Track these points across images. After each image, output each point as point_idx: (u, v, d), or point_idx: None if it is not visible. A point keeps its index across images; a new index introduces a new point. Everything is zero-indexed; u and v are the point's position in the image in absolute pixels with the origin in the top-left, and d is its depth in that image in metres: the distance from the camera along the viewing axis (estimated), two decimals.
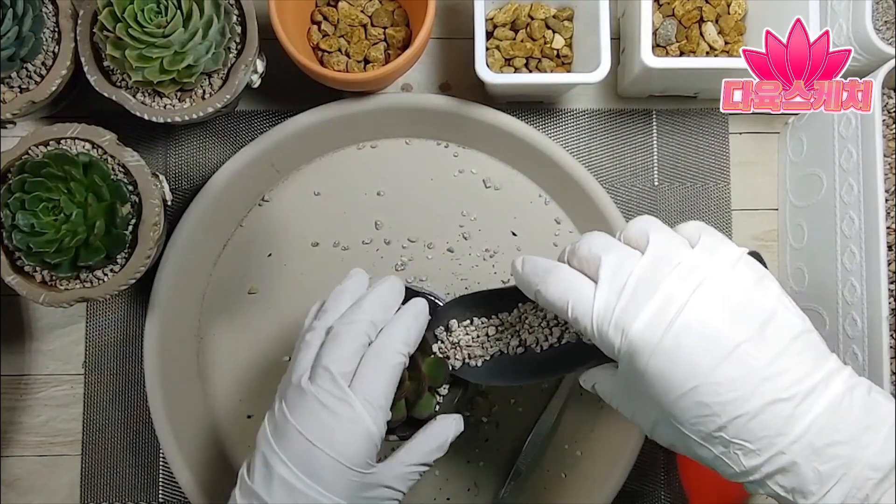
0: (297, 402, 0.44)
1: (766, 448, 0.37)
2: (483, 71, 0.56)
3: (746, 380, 0.37)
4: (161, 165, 0.65)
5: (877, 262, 0.54)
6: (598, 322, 0.39)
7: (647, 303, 0.38)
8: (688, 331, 0.37)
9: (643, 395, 0.40)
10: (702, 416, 0.38)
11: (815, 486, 0.37)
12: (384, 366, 0.45)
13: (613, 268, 0.40)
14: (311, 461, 0.43)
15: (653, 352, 0.38)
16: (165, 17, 0.52)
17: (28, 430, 0.64)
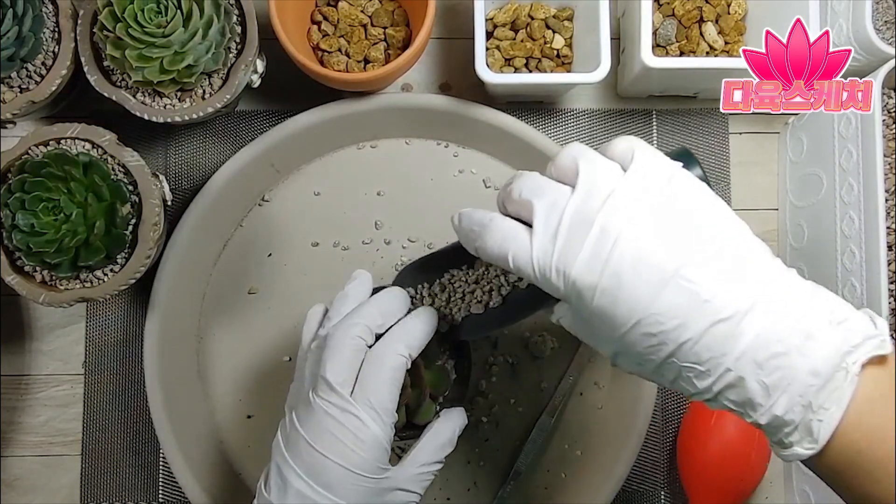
0: (306, 414, 0.45)
1: (714, 368, 0.37)
2: (483, 71, 0.56)
3: (687, 305, 0.36)
4: (161, 165, 0.65)
5: (877, 262, 0.54)
6: (539, 270, 0.39)
7: (582, 242, 0.37)
8: (624, 265, 0.37)
9: (597, 331, 0.39)
10: (651, 346, 0.37)
11: (762, 399, 0.37)
12: (384, 369, 0.45)
13: (546, 210, 0.39)
14: (323, 472, 0.43)
15: (594, 291, 0.37)
16: (165, 17, 0.52)
17: (28, 430, 0.64)
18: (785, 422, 0.37)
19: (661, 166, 0.39)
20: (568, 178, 0.40)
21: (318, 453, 0.43)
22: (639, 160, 0.39)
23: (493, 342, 0.64)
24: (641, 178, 0.38)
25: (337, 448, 0.43)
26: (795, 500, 0.63)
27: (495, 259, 0.41)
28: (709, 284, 0.36)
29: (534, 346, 0.63)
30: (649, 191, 0.38)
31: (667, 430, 0.65)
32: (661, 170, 0.39)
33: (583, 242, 0.37)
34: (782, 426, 0.37)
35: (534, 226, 0.39)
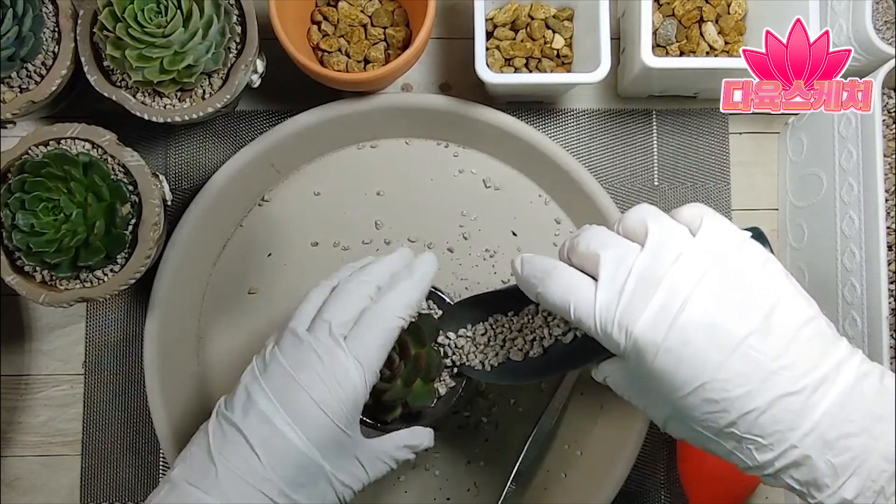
0: (291, 348, 0.45)
1: (778, 443, 0.37)
2: (483, 71, 0.56)
3: (754, 374, 0.36)
4: (161, 165, 0.65)
5: (877, 262, 0.54)
6: (601, 323, 0.39)
7: (649, 300, 0.37)
8: (692, 327, 0.37)
9: (652, 391, 0.39)
10: (711, 412, 0.37)
11: (829, 479, 0.36)
12: (380, 327, 0.45)
13: (613, 265, 0.39)
14: (295, 403, 0.43)
15: (658, 350, 0.37)
16: (165, 17, 0.52)
17: (28, 430, 0.64)
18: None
19: (730, 233, 0.39)
20: (636, 238, 0.40)
21: (295, 383, 0.43)
22: (708, 225, 0.39)
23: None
24: (711, 242, 0.38)
25: (315, 385, 0.43)
26: (795, 500, 0.63)
27: (556, 307, 0.41)
28: (779, 356, 0.36)
29: None
30: (719, 256, 0.38)
31: None
32: (731, 237, 0.39)
33: (649, 300, 0.37)
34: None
35: (599, 278, 0.39)
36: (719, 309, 0.37)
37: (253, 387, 0.44)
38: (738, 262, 0.38)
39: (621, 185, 0.66)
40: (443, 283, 0.64)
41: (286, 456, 0.43)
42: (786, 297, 0.38)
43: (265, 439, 0.43)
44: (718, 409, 0.37)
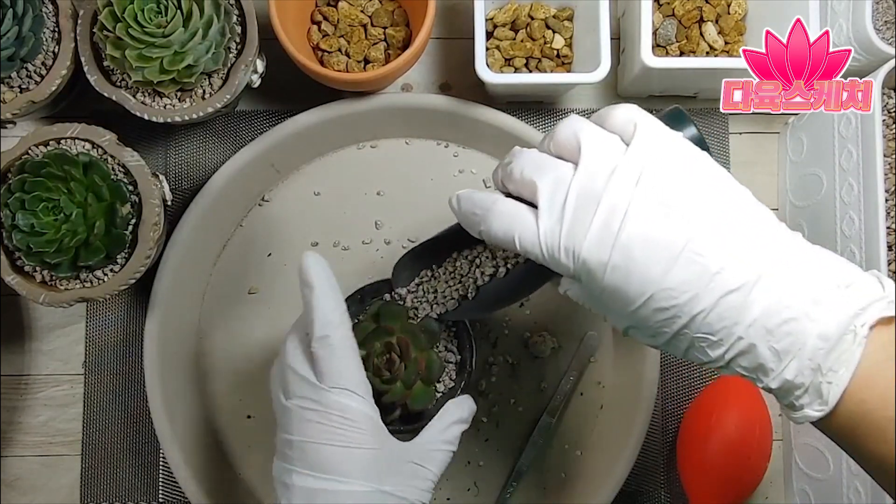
0: (288, 420, 0.45)
1: (726, 338, 0.38)
2: (483, 71, 0.56)
3: (697, 279, 0.37)
4: (161, 165, 0.65)
5: (877, 262, 0.54)
6: (547, 250, 0.39)
7: (590, 221, 0.37)
8: (634, 242, 0.37)
9: (609, 306, 0.40)
10: (664, 319, 0.38)
11: (773, 364, 0.37)
12: (327, 347, 0.44)
13: (551, 189, 0.39)
14: (324, 459, 0.43)
15: (605, 269, 0.38)
16: (165, 17, 0.52)
17: (28, 430, 0.64)
18: (795, 385, 0.37)
19: (662, 138, 0.39)
20: (568, 154, 0.40)
21: (312, 443, 0.43)
22: (640, 132, 0.39)
23: (492, 342, 0.64)
24: (644, 150, 0.38)
25: (327, 432, 0.43)
26: (795, 500, 0.63)
27: (501, 242, 0.41)
28: (718, 256, 0.37)
29: (534, 346, 0.63)
30: (653, 165, 0.38)
31: (667, 430, 0.65)
32: (663, 142, 0.39)
33: (591, 221, 0.38)
34: (793, 389, 0.38)
35: (539, 206, 0.39)
36: (657, 220, 0.37)
37: (284, 474, 0.45)
38: (673, 167, 0.38)
39: None
40: None
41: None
42: (720, 192, 0.38)
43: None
44: (669, 315, 0.38)
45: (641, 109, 0.40)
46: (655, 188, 0.38)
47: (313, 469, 0.43)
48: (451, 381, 0.55)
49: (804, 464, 0.62)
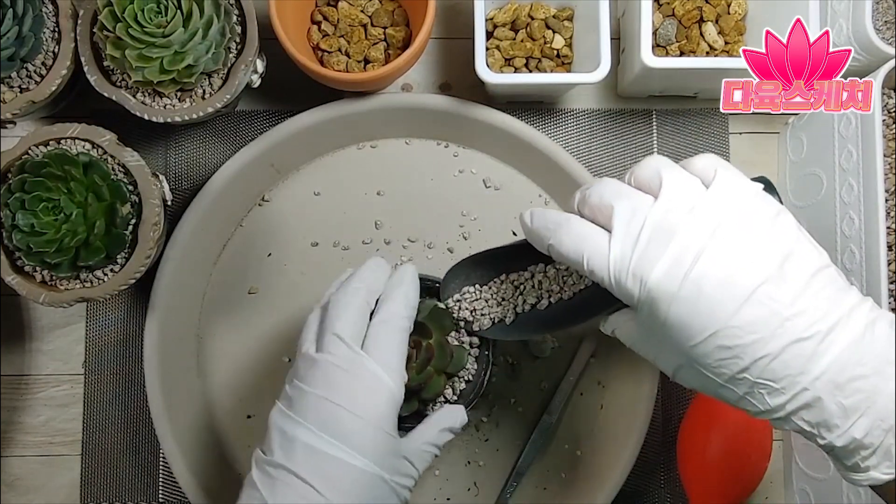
0: (311, 372, 0.43)
1: (789, 386, 0.37)
2: (483, 71, 0.56)
3: (767, 321, 0.37)
4: (161, 165, 0.65)
5: (877, 262, 0.54)
6: (615, 273, 0.39)
7: (663, 251, 0.38)
8: (705, 277, 0.37)
9: (664, 341, 0.39)
10: (724, 359, 0.38)
11: (839, 420, 0.37)
12: (393, 331, 0.45)
13: (627, 216, 0.39)
14: (337, 423, 0.42)
15: (672, 300, 0.37)
16: (165, 17, 0.52)
17: (28, 430, 0.64)
18: (863, 445, 0.37)
19: (743, 185, 0.39)
20: (648, 189, 0.40)
21: (332, 404, 0.42)
22: (721, 177, 0.39)
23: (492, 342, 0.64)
24: (724, 194, 0.39)
25: (351, 398, 0.42)
26: (795, 500, 0.63)
27: (569, 258, 0.41)
28: (790, 303, 0.37)
29: (534, 346, 0.63)
30: (732, 208, 0.38)
31: (667, 430, 0.65)
32: (744, 189, 0.39)
33: (664, 251, 0.38)
34: (859, 449, 0.37)
35: (613, 229, 0.39)
36: (733, 259, 0.37)
37: (287, 424, 0.43)
38: (751, 214, 0.38)
39: None
40: None
41: (344, 479, 0.42)
42: (798, 247, 0.38)
43: (318, 469, 0.41)
44: (731, 355, 0.37)
45: (723, 160, 0.41)
46: (732, 230, 0.38)
47: (323, 430, 0.42)
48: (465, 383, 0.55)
49: (804, 464, 0.62)
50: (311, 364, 0.44)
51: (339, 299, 0.46)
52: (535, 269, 0.50)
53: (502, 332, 0.52)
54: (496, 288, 0.52)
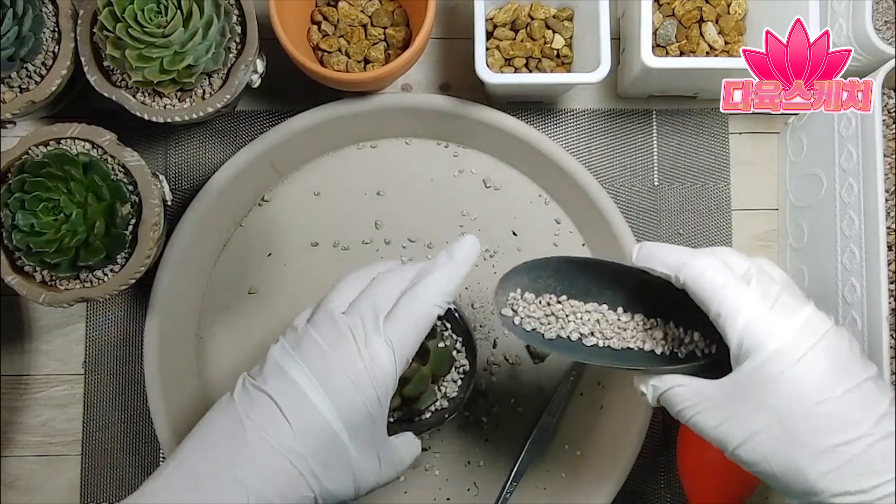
0: (327, 327, 0.44)
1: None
2: (483, 71, 0.56)
3: (868, 411, 0.39)
4: (161, 165, 0.65)
5: (877, 262, 0.54)
6: (748, 312, 0.40)
7: (794, 316, 0.40)
8: (830, 352, 0.40)
9: (756, 401, 0.40)
10: (826, 426, 0.39)
11: None
12: (415, 314, 0.44)
13: (766, 278, 0.42)
14: (328, 375, 0.42)
15: (801, 358, 0.39)
16: (165, 17, 0.52)
17: (28, 430, 0.64)
18: None
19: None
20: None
21: (332, 358, 0.42)
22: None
23: (492, 342, 0.64)
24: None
25: (351, 364, 0.42)
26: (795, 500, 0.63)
27: (706, 280, 0.42)
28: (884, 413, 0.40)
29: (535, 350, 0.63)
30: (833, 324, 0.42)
31: (667, 430, 0.65)
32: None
33: (794, 316, 0.41)
34: None
35: (752, 283, 0.42)
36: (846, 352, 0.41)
37: (285, 359, 0.43)
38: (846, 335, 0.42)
39: (621, 185, 0.66)
40: None
41: (316, 429, 0.42)
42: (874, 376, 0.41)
43: (296, 407, 0.42)
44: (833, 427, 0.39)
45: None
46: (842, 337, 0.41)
47: (314, 374, 0.42)
48: (456, 386, 0.55)
49: None
50: (330, 321, 0.44)
51: (383, 278, 0.46)
52: (601, 308, 0.49)
53: (538, 341, 0.50)
54: (554, 304, 0.50)
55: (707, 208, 0.66)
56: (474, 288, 0.64)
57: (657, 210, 0.66)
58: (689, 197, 0.66)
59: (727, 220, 0.66)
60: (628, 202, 0.66)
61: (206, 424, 0.43)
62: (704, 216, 0.66)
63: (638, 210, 0.66)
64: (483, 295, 0.64)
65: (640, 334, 0.48)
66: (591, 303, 0.49)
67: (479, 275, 0.64)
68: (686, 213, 0.66)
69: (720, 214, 0.66)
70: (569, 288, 0.50)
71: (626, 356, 0.48)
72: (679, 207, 0.66)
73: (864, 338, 0.55)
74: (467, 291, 0.64)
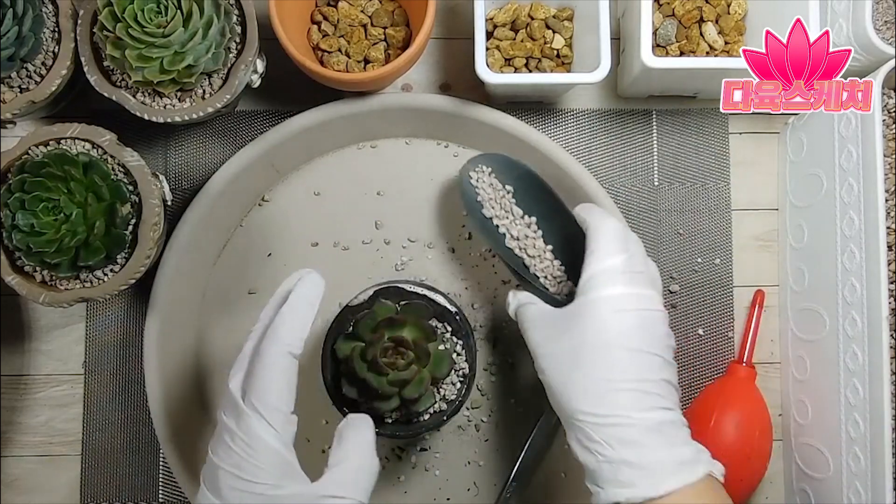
0: (217, 437, 0.45)
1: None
2: (483, 71, 0.56)
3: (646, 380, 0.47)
4: (161, 165, 0.65)
5: (877, 262, 0.54)
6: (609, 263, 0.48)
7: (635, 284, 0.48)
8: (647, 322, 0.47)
9: (571, 328, 0.47)
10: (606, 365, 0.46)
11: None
12: (268, 369, 0.44)
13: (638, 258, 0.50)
14: (217, 482, 0.43)
15: (620, 310, 0.47)
16: (165, 17, 0.52)
17: (28, 430, 0.64)
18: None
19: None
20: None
21: (214, 464, 0.43)
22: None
23: (492, 342, 0.64)
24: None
25: (229, 456, 0.43)
26: (795, 500, 0.63)
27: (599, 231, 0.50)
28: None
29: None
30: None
31: None
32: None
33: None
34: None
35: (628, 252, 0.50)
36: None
37: (201, 488, 0.45)
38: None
39: (621, 185, 0.66)
40: (443, 283, 0.64)
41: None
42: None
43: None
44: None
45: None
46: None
47: (212, 492, 0.43)
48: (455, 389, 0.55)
49: (804, 464, 0.62)
50: (220, 427, 0.45)
51: (242, 346, 0.47)
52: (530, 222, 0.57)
53: (477, 210, 0.58)
54: (507, 196, 0.58)
55: (707, 208, 0.66)
56: (474, 288, 0.64)
57: (657, 210, 0.66)
58: (689, 197, 0.66)
59: (727, 220, 0.66)
60: (628, 202, 0.66)
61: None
62: (704, 216, 0.66)
63: (638, 210, 0.66)
64: (483, 295, 0.64)
65: (540, 258, 0.56)
66: (529, 217, 0.58)
67: (479, 275, 0.64)
68: (686, 213, 0.66)
69: (720, 214, 0.66)
70: (522, 195, 0.58)
71: (525, 271, 0.56)
72: (679, 207, 0.66)
73: (864, 338, 0.55)
74: (467, 292, 0.64)
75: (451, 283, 0.64)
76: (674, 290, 0.65)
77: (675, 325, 0.65)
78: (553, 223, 0.57)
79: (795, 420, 0.63)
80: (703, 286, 0.65)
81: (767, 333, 0.65)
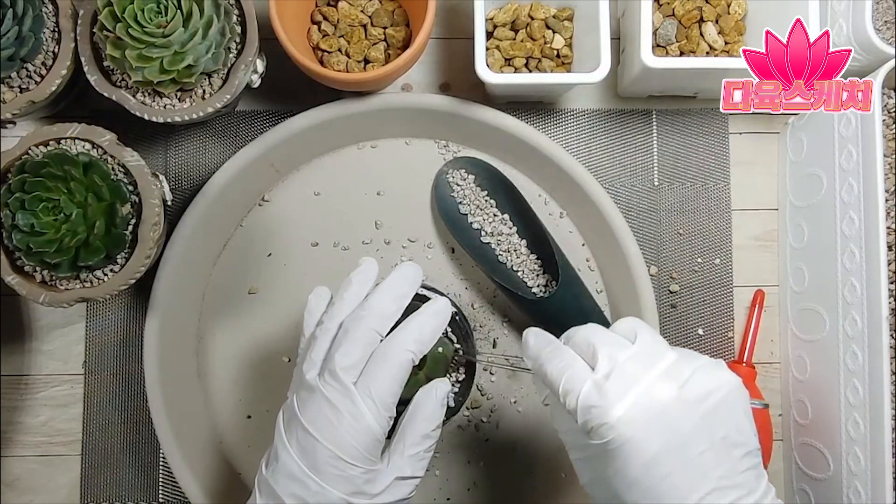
0: (307, 398, 0.45)
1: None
2: (483, 71, 0.56)
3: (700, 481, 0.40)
4: (161, 165, 0.65)
5: (877, 262, 0.54)
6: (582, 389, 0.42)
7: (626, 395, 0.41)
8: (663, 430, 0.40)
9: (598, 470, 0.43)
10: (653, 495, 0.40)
11: None
12: (391, 365, 0.45)
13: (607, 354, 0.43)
14: (313, 455, 0.44)
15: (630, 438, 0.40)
16: (165, 17, 0.52)
17: (28, 430, 0.64)
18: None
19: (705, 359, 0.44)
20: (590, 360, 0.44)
21: (311, 436, 0.44)
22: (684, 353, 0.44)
23: (492, 342, 0.64)
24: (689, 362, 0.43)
25: (330, 432, 0.44)
26: (795, 500, 0.63)
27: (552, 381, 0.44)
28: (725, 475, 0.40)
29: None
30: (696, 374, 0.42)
31: None
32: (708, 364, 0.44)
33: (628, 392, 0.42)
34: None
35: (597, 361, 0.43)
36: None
37: (279, 446, 0.45)
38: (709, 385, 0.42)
39: (621, 185, 0.66)
40: (443, 283, 0.64)
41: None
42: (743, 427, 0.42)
43: (297, 496, 0.44)
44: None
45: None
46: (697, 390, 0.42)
47: (302, 460, 0.44)
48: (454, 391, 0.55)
49: (804, 464, 0.62)
50: (309, 390, 0.46)
51: (347, 328, 0.46)
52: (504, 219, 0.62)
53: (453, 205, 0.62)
54: (481, 195, 0.62)
55: (707, 208, 0.66)
56: (474, 288, 0.64)
57: (657, 210, 0.66)
58: (689, 197, 0.66)
59: (727, 220, 0.66)
60: (628, 202, 0.66)
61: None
62: (704, 216, 0.66)
63: (638, 210, 0.66)
64: (483, 295, 0.64)
65: (517, 252, 0.61)
66: (503, 214, 0.62)
67: (479, 276, 0.64)
68: (686, 213, 0.66)
69: (720, 214, 0.66)
70: (494, 194, 0.63)
71: (498, 267, 0.61)
72: (679, 207, 0.66)
73: (864, 338, 0.55)
74: (467, 292, 0.64)
75: (451, 283, 0.64)
76: (674, 290, 0.65)
77: (675, 325, 0.65)
78: (523, 220, 0.62)
79: (795, 420, 0.63)
80: (703, 286, 0.65)
81: (767, 333, 0.66)
